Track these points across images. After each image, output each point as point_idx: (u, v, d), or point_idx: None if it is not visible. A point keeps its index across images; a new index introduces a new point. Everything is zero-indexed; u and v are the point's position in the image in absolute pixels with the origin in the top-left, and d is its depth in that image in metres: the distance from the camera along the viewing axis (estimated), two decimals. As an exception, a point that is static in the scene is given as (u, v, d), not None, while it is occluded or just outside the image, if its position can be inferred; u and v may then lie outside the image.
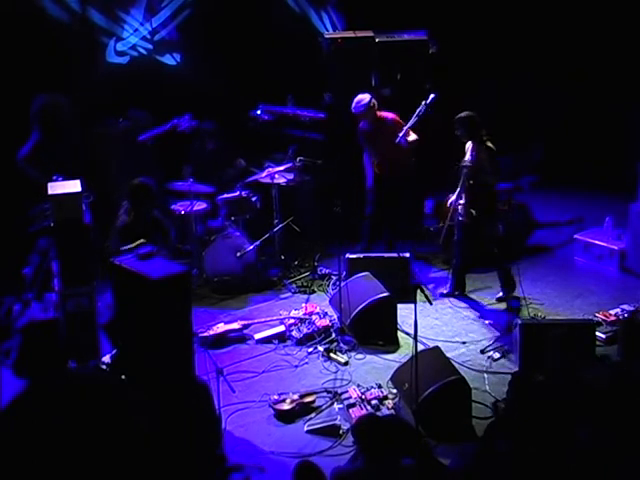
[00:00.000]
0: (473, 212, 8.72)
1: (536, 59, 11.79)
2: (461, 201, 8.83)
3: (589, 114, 11.67)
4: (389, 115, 9.65)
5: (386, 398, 7.44)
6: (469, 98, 11.41)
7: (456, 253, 9.17)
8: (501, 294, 9.14)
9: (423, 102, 9.42)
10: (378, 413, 7.19)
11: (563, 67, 11.82)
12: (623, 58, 11.58)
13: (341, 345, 8.40)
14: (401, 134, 9.33)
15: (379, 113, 9.62)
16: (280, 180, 9.92)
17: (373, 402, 7.37)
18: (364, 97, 9.56)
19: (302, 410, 7.39)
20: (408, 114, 9.53)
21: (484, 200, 8.72)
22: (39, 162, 9.06)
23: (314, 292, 9.58)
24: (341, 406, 7.44)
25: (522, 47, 11.69)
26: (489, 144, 8.64)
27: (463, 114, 8.70)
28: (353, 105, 9.57)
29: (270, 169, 9.92)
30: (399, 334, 8.54)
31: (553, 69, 11.85)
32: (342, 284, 8.65)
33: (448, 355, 7.67)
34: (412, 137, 9.50)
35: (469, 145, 8.79)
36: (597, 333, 8.05)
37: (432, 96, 9.42)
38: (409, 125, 9.40)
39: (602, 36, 11.54)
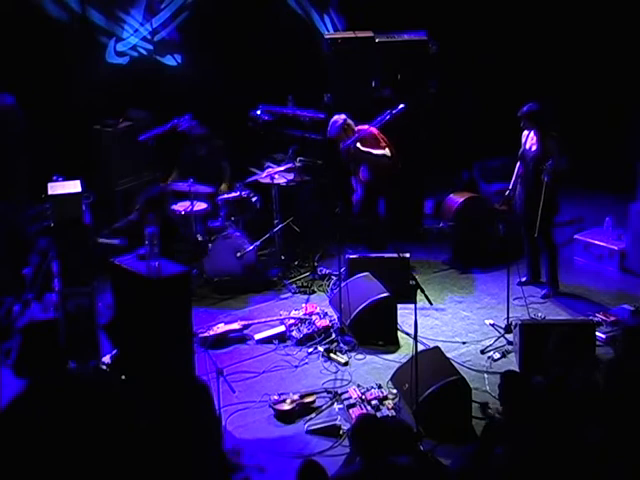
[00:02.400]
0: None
1: (536, 59, 11.78)
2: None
3: (589, 114, 11.66)
4: (365, 128, 9.63)
5: (386, 398, 7.44)
6: (467, 98, 11.53)
7: (542, 245, 9.13)
8: (525, 279, 9.26)
9: (389, 110, 9.42)
10: (378, 413, 7.19)
11: (563, 67, 11.81)
12: (623, 58, 11.57)
13: (341, 345, 8.39)
14: (351, 140, 9.38)
15: (356, 128, 9.62)
16: (280, 180, 9.92)
17: (373, 402, 7.37)
18: (338, 118, 9.59)
19: (302, 410, 7.39)
20: (407, 115, 9.55)
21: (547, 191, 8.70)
22: None
23: (314, 292, 9.57)
24: (341, 406, 7.43)
25: (522, 47, 11.68)
26: (554, 133, 8.74)
27: (528, 106, 8.75)
28: (328, 129, 9.62)
29: (270, 169, 9.92)
30: (399, 334, 8.54)
31: (553, 69, 11.84)
32: (342, 284, 8.65)
33: (448, 355, 7.68)
34: (379, 151, 9.51)
35: (531, 134, 8.84)
36: (597, 333, 8.06)
37: (401, 107, 9.43)
38: (363, 132, 9.42)
39: (602, 36, 11.54)
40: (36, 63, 10.14)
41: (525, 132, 8.96)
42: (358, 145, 9.47)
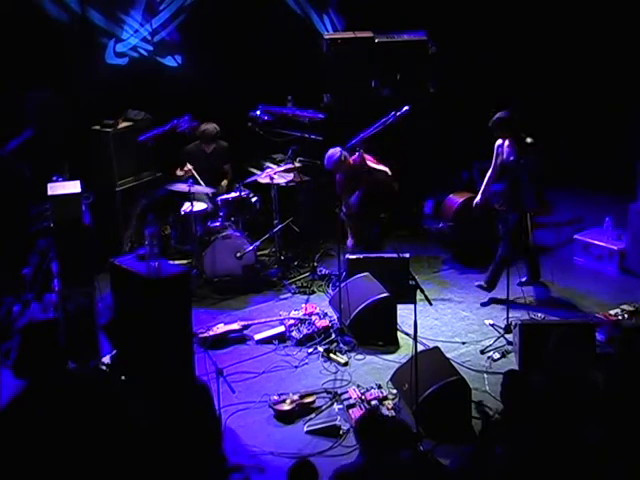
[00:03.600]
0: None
1: (536, 58, 11.79)
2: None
3: (589, 114, 11.67)
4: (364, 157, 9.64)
5: (386, 398, 7.45)
6: (467, 99, 11.51)
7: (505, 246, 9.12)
8: (525, 279, 9.27)
9: (394, 112, 9.41)
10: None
11: (563, 66, 11.82)
12: (623, 57, 11.58)
13: (341, 345, 8.40)
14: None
15: (351, 159, 9.59)
16: (280, 180, 9.92)
17: (373, 402, 7.37)
18: (334, 152, 9.52)
19: (302, 410, 7.39)
20: (407, 115, 9.56)
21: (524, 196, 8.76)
22: (27, 158, 9.16)
23: (314, 292, 9.57)
24: (341, 406, 7.44)
25: (522, 47, 11.69)
26: (529, 140, 8.71)
27: (500, 114, 8.77)
28: (325, 162, 9.59)
29: (270, 170, 9.93)
30: (399, 334, 8.55)
31: (553, 69, 11.85)
32: (342, 284, 8.65)
33: (448, 355, 7.68)
34: (380, 167, 9.52)
35: (505, 142, 8.83)
36: (597, 333, 8.06)
37: (405, 108, 9.42)
38: (368, 133, 9.40)
39: (602, 35, 11.54)
40: (36, 63, 10.12)
41: (499, 141, 8.95)
42: (368, 162, 9.47)
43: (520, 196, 8.74)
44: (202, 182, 9.90)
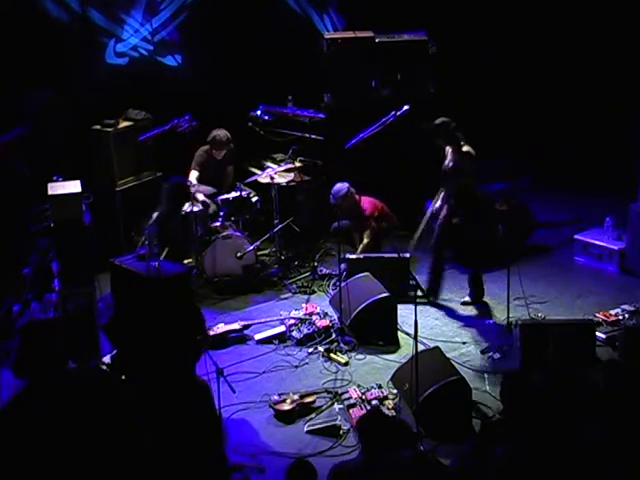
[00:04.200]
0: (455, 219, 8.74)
1: (536, 59, 11.79)
2: (437, 205, 8.89)
3: (589, 114, 11.67)
4: (367, 201, 9.69)
5: (386, 398, 7.45)
6: (468, 99, 11.52)
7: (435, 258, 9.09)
8: (468, 298, 9.15)
9: (394, 112, 9.42)
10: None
11: (563, 67, 11.82)
12: (623, 57, 11.58)
13: (341, 345, 8.40)
14: (354, 140, 9.35)
15: (357, 197, 9.64)
16: (280, 180, 9.93)
17: (373, 402, 7.37)
18: (342, 187, 9.57)
19: (302, 410, 7.39)
20: (407, 115, 9.56)
21: (467, 204, 8.69)
22: (27, 158, 9.18)
23: (314, 292, 9.58)
24: (341, 406, 7.44)
25: (522, 48, 11.69)
26: (466, 148, 8.62)
27: (438, 121, 8.68)
28: (332, 196, 9.61)
29: (270, 169, 9.93)
30: (399, 334, 8.55)
31: (553, 68, 11.85)
32: (342, 284, 8.66)
33: (448, 355, 7.68)
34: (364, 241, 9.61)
35: (448, 149, 8.79)
36: (597, 333, 8.06)
37: (405, 108, 9.43)
38: (368, 133, 9.40)
39: (602, 35, 11.54)
40: (36, 63, 10.13)
41: (445, 147, 8.88)
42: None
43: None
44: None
